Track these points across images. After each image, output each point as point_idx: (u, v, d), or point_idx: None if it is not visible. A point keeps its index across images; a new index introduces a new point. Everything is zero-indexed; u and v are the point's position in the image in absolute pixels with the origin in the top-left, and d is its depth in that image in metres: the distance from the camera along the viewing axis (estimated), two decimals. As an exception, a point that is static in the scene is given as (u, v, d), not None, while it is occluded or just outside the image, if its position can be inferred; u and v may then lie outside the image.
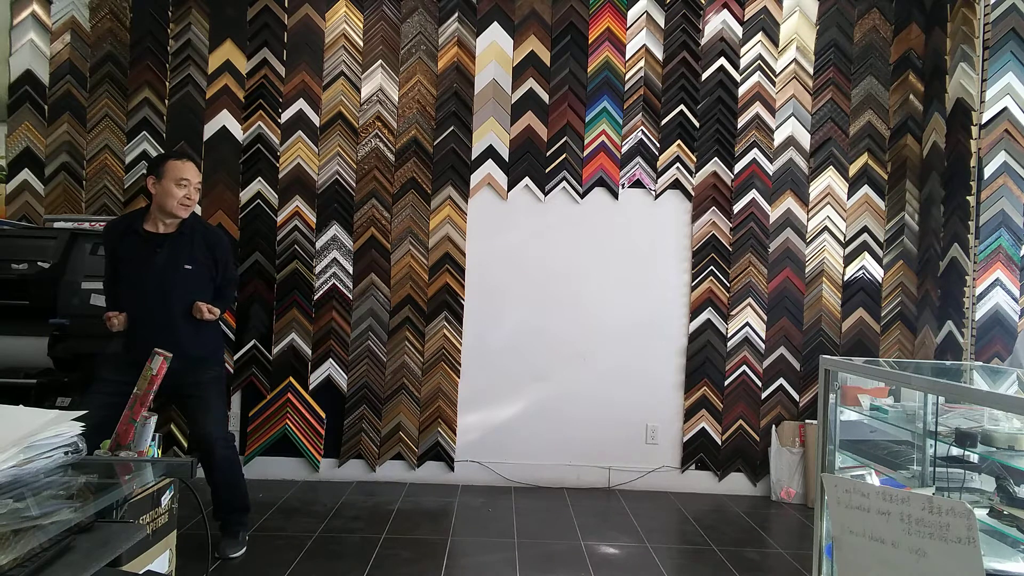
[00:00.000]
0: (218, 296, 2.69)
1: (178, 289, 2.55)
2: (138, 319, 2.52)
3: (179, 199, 2.53)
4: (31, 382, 2.68)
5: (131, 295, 2.53)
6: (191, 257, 2.59)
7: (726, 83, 3.73)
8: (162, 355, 1.63)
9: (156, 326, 2.50)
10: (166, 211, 2.54)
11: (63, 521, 0.91)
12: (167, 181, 2.52)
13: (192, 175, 2.56)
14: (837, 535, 1.51)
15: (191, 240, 2.61)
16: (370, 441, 3.63)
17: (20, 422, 1.11)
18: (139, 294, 2.52)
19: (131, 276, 2.53)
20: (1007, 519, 1.63)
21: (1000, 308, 3.22)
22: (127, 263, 2.54)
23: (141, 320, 2.52)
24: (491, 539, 2.89)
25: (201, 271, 2.62)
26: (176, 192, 2.52)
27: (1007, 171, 3.24)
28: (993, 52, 3.24)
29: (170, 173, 2.52)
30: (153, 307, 2.52)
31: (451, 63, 3.70)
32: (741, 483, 3.71)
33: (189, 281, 2.58)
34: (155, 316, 2.52)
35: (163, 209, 2.54)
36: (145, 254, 2.54)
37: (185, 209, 2.56)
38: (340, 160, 3.67)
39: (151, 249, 2.54)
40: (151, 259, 2.53)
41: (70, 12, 3.62)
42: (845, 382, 2.07)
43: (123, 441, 1.55)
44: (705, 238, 3.72)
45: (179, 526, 2.00)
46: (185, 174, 2.54)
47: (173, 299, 2.54)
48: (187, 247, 2.59)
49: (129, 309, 2.53)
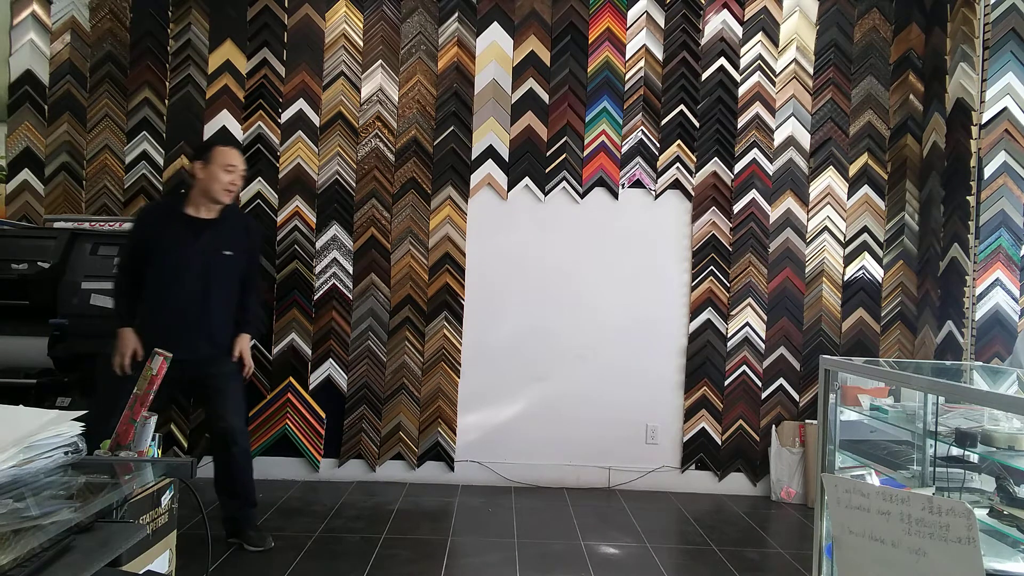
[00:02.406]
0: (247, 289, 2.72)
1: (217, 275, 2.58)
2: (172, 305, 2.52)
3: (225, 184, 2.57)
4: (31, 382, 2.68)
5: (167, 280, 2.53)
6: (231, 243, 2.63)
7: (726, 83, 3.73)
8: (162, 355, 1.62)
9: (192, 312, 2.53)
10: (210, 196, 2.58)
11: (63, 521, 0.91)
12: (214, 166, 2.56)
13: (239, 162, 2.62)
14: (837, 535, 1.51)
15: (232, 226, 2.65)
16: (370, 441, 3.63)
17: (20, 422, 1.11)
18: (178, 279, 2.52)
19: (170, 260, 2.53)
20: (1007, 519, 1.63)
21: (1000, 308, 3.22)
22: (166, 247, 2.53)
23: (175, 306, 2.52)
24: (491, 539, 2.89)
25: (239, 258, 2.66)
26: (223, 177, 2.56)
27: (1007, 171, 3.24)
28: (993, 52, 3.24)
29: (218, 159, 2.56)
30: (192, 293, 2.53)
31: (451, 63, 3.70)
32: (741, 483, 3.71)
33: (228, 267, 2.62)
34: (193, 302, 2.53)
35: (207, 194, 2.57)
36: (188, 238, 2.55)
37: (229, 195, 2.61)
38: (340, 160, 3.67)
39: (194, 233, 2.56)
40: (194, 243, 2.55)
41: (70, 12, 3.62)
42: (845, 382, 2.07)
43: (123, 441, 1.55)
44: (705, 238, 3.72)
45: (179, 526, 2.00)
46: (232, 160, 2.59)
47: (212, 285, 2.56)
48: (228, 233, 2.64)
49: (161, 296, 2.52)
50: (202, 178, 2.57)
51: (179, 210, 2.59)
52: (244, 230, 2.72)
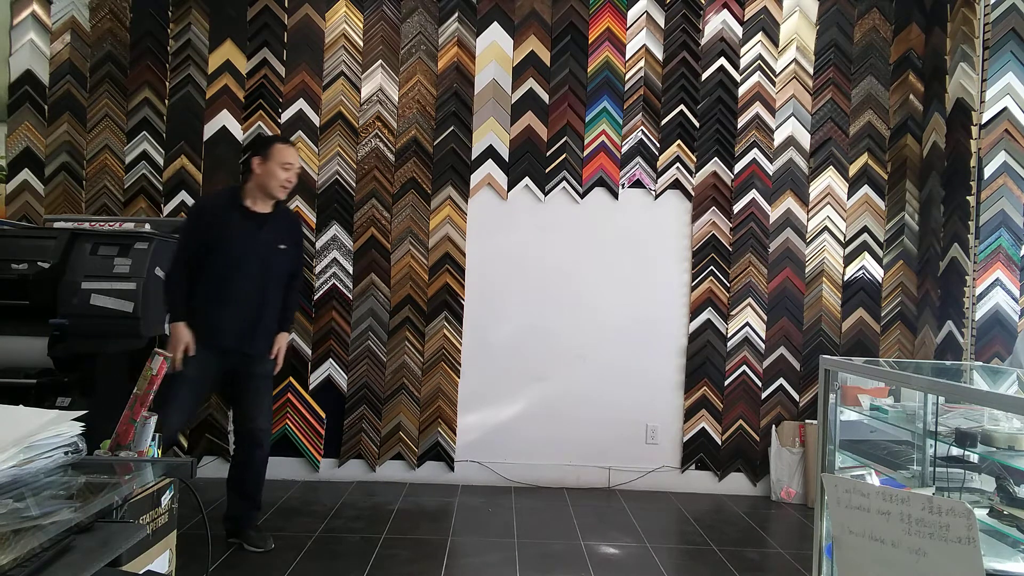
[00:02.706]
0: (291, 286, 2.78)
1: (274, 269, 2.66)
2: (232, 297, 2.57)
3: (281, 181, 2.64)
4: (31, 382, 2.67)
5: (229, 272, 2.57)
6: (284, 238, 2.71)
7: (726, 83, 3.73)
8: (162, 355, 1.62)
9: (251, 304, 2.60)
10: (267, 191, 2.65)
11: (63, 521, 0.91)
12: (272, 163, 2.63)
13: (295, 160, 2.69)
14: (837, 535, 1.51)
15: (283, 221, 2.74)
16: (370, 441, 3.63)
17: (20, 422, 1.11)
18: (240, 271, 2.57)
19: (235, 251, 2.58)
20: (1007, 519, 1.63)
21: (1000, 308, 3.22)
22: (227, 239, 2.58)
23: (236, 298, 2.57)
24: (491, 539, 2.90)
25: (290, 252, 2.74)
26: (280, 174, 2.63)
27: (1007, 171, 3.24)
28: (993, 52, 3.24)
29: (276, 156, 2.63)
30: (252, 285, 2.60)
31: (451, 63, 3.70)
32: (741, 483, 3.71)
33: (281, 262, 2.70)
34: (252, 294, 2.60)
35: (264, 189, 2.64)
36: (249, 231, 2.61)
37: (284, 192, 2.68)
38: (340, 160, 3.67)
39: (256, 226, 2.63)
40: (255, 236, 2.61)
41: (70, 12, 3.62)
42: (845, 382, 2.07)
43: (123, 441, 1.55)
44: (705, 238, 3.72)
45: (179, 526, 2.00)
46: (290, 158, 2.66)
47: (269, 279, 2.64)
48: (283, 227, 2.72)
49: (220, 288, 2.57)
50: (259, 173, 2.64)
51: (238, 202, 2.65)
52: (294, 225, 2.84)
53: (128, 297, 2.79)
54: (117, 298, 2.79)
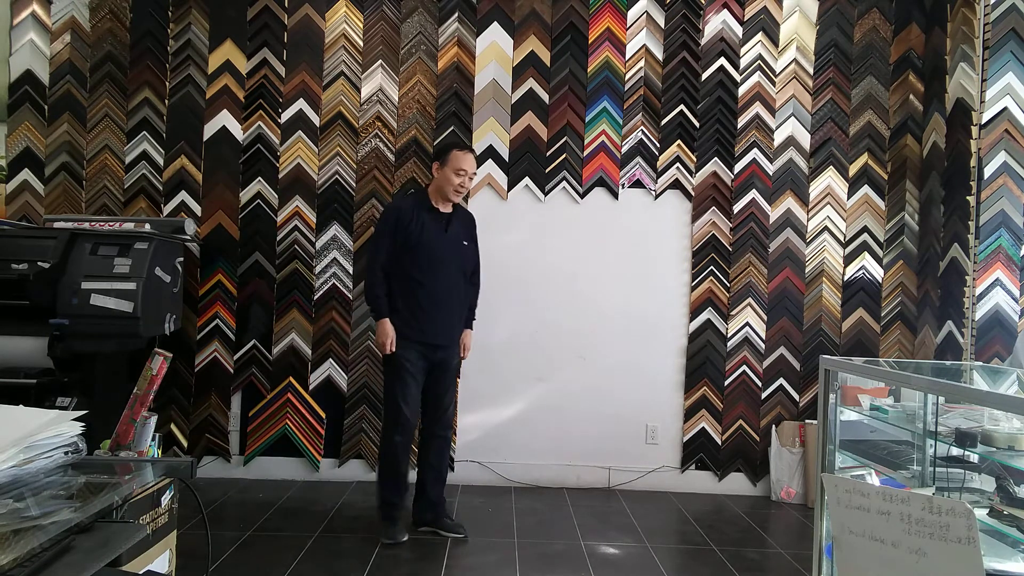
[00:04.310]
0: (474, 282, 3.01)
1: (462, 264, 2.88)
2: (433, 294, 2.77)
3: (455, 186, 2.81)
4: (31, 382, 2.68)
5: (429, 270, 2.76)
6: (466, 234, 2.94)
7: (726, 83, 3.73)
8: (162, 355, 1.62)
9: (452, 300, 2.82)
10: (443, 194, 2.85)
11: (63, 521, 0.91)
12: (448, 169, 2.81)
13: (470, 166, 2.84)
14: (837, 535, 1.51)
15: (463, 218, 2.98)
16: (370, 441, 3.63)
17: (20, 422, 1.11)
18: (440, 268, 2.78)
19: (429, 251, 2.77)
20: (1007, 519, 1.63)
21: (1000, 308, 3.22)
22: (426, 239, 2.77)
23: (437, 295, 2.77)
24: (491, 539, 2.89)
25: (472, 247, 2.98)
26: (454, 179, 2.80)
27: (1007, 171, 3.24)
28: (993, 52, 3.24)
29: (452, 162, 2.80)
30: (450, 281, 2.81)
31: (451, 63, 3.70)
32: (741, 483, 3.71)
33: (467, 257, 2.93)
34: (451, 290, 2.82)
35: (441, 192, 2.85)
36: (442, 229, 2.84)
37: (458, 195, 2.87)
38: (340, 160, 3.67)
39: (445, 225, 2.84)
40: (446, 234, 2.82)
41: (70, 12, 3.62)
42: (845, 382, 2.07)
43: (123, 441, 1.55)
44: (705, 238, 3.72)
45: (179, 526, 2.00)
46: (464, 164, 2.81)
47: (460, 274, 2.88)
48: (463, 225, 2.95)
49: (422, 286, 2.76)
50: (437, 178, 2.85)
51: (427, 204, 2.86)
52: (472, 222, 3.03)
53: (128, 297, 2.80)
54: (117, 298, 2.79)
